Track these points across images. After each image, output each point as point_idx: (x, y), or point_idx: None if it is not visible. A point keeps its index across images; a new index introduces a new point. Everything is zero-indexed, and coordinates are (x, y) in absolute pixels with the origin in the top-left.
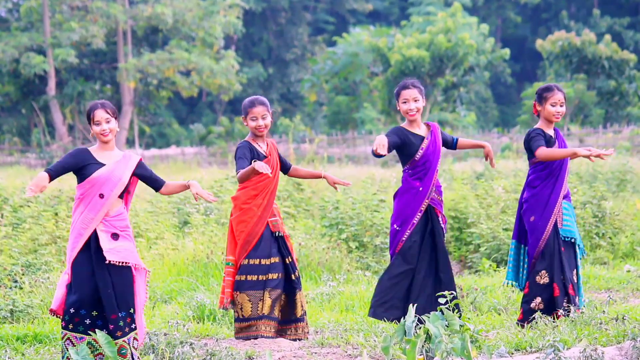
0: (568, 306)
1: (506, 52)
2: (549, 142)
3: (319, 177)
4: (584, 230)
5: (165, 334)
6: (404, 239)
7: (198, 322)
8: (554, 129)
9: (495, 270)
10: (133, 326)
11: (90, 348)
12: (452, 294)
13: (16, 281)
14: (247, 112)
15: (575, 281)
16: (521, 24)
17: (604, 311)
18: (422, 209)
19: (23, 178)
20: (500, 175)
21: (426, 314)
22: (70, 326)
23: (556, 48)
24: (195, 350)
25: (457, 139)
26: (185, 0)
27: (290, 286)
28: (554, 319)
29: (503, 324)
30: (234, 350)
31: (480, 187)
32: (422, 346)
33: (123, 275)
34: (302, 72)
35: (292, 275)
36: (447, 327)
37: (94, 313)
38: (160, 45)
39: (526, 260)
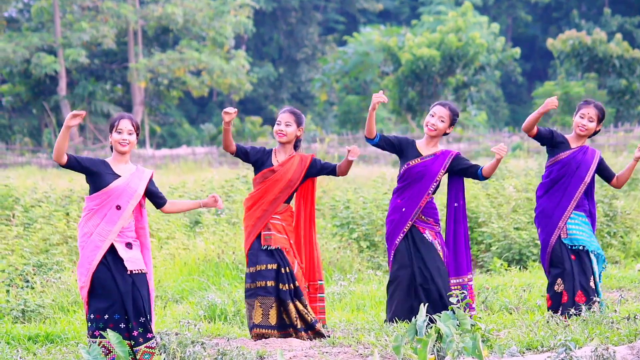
0: (577, 312)
1: (517, 51)
2: (559, 145)
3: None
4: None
5: (176, 334)
6: (391, 259)
7: (209, 322)
8: (582, 147)
9: (506, 270)
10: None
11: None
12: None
13: (28, 281)
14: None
15: (593, 288)
16: (532, 23)
17: (615, 310)
18: (405, 230)
19: (34, 178)
20: (511, 175)
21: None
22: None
23: (567, 47)
24: (206, 350)
25: (481, 169)
26: (195, 0)
27: (285, 295)
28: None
29: (514, 323)
30: (245, 349)
31: (491, 186)
32: (434, 345)
33: (144, 281)
34: (312, 72)
35: (283, 286)
36: (459, 326)
37: (126, 317)
38: (171, 45)
39: None
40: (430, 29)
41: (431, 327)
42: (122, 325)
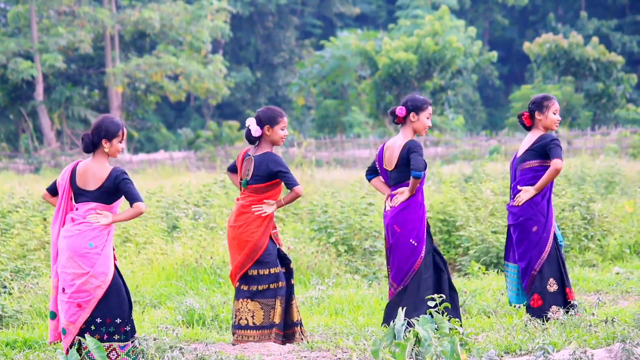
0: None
1: (494, 54)
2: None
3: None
4: (572, 233)
5: (154, 339)
6: (422, 255)
7: (187, 327)
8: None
9: (484, 273)
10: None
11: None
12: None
13: (5, 287)
14: (277, 122)
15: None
16: (509, 27)
17: (593, 313)
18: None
19: (11, 183)
20: (489, 178)
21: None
22: (116, 337)
23: (544, 50)
24: (184, 355)
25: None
26: (172, 5)
27: (289, 292)
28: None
29: (492, 326)
30: (223, 354)
31: (469, 189)
32: (412, 349)
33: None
34: (289, 76)
35: (292, 281)
36: (437, 330)
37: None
38: (148, 49)
39: (517, 275)
40: (407, 32)
41: (409, 331)
42: (128, 328)
